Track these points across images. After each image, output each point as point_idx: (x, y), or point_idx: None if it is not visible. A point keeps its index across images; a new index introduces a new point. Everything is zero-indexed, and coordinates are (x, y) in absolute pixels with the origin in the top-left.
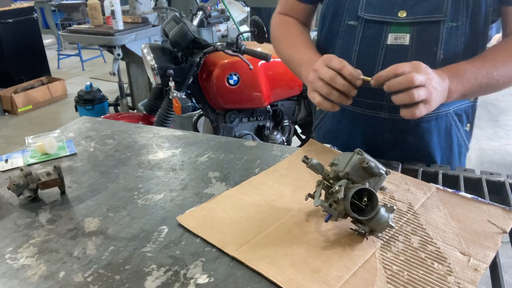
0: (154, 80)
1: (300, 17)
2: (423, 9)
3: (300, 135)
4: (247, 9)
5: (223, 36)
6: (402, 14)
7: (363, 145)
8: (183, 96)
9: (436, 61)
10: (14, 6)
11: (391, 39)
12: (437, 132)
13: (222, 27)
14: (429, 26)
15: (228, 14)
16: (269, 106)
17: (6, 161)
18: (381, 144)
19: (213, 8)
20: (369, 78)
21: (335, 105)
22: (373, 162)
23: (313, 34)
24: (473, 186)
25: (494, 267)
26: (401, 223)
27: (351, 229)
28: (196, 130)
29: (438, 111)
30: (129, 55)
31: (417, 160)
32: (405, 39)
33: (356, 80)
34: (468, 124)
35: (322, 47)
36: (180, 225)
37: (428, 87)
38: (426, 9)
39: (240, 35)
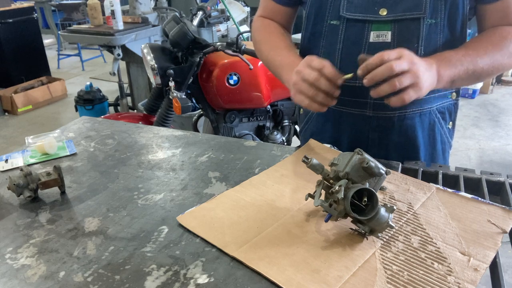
0: (154, 80)
1: (281, 20)
2: (403, 7)
3: None
4: (247, 9)
5: (223, 36)
6: (383, 12)
7: (348, 144)
8: (183, 96)
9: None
10: (14, 6)
11: (373, 37)
12: (421, 129)
13: (222, 27)
14: (410, 23)
15: (228, 14)
16: (269, 106)
17: (6, 161)
18: (365, 142)
19: (213, 8)
20: (349, 75)
21: (323, 105)
22: (373, 162)
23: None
24: (473, 186)
25: (494, 267)
26: (401, 223)
27: (351, 229)
28: (196, 130)
29: (422, 108)
30: (129, 55)
31: (401, 158)
32: (387, 36)
33: (336, 79)
34: (451, 122)
35: (306, 48)
36: (180, 225)
37: (413, 71)
38: (406, 6)
39: (240, 35)
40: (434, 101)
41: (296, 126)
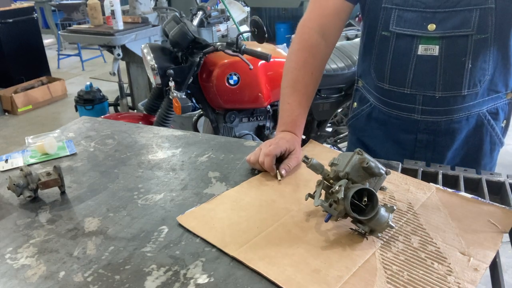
0: (154, 80)
1: (337, 20)
2: (451, 24)
3: None
4: (247, 9)
5: (223, 36)
6: (432, 27)
7: (395, 143)
8: (183, 96)
9: (465, 70)
10: (14, 6)
11: (421, 50)
12: (466, 130)
13: (222, 27)
14: (457, 39)
15: (228, 14)
16: (269, 106)
17: (6, 161)
18: (413, 143)
19: (213, 8)
20: (280, 178)
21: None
22: (373, 162)
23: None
24: (473, 186)
25: (494, 267)
26: (401, 223)
27: (351, 229)
28: (196, 130)
29: (469, 111)
30: (129, 55)
31: (447, 159)
32: (435, 50)
33: (269, 172)
34: (504, 121)
35: (363, 53)
36: (180, 225)
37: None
38: (455, 23)
39: (240, 35)
40: (483, 104)
41: None
